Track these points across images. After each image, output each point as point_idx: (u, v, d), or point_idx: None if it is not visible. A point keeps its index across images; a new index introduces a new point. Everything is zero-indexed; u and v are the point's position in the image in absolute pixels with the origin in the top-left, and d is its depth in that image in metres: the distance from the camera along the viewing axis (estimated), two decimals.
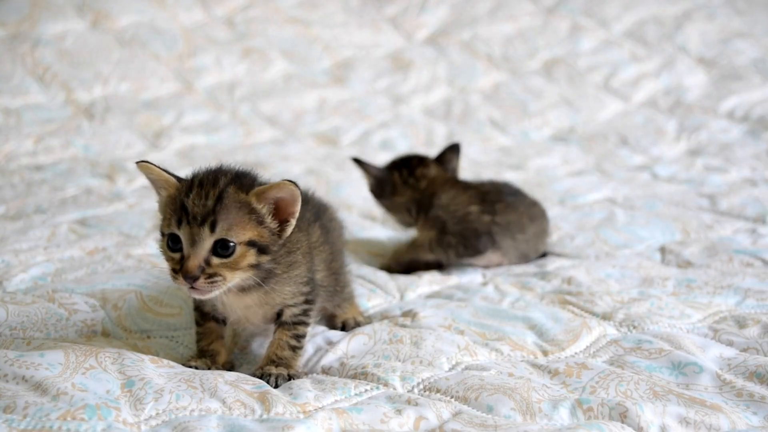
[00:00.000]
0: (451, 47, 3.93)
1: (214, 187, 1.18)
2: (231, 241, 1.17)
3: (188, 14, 3.80)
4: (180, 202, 1.18)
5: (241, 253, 1.18)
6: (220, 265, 1.17)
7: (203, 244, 1.16)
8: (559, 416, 1.14)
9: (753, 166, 2.77)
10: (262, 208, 1.20)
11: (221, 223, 1.16)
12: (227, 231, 1.16)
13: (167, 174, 1.22)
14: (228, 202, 1.17)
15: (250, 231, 1.18)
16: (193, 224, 1.16)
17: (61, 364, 1.18)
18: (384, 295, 1.69)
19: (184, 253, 1.17)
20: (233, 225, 1.16)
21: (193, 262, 1.16)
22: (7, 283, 1.65)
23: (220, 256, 1.17)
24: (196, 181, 1.20)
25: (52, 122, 3.08)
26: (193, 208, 1.16)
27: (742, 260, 1.81)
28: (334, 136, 3.31)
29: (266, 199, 1.20)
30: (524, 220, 1.86)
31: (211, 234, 1.16)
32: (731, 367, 1.28)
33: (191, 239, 1.16)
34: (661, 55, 3.86)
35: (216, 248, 1.16)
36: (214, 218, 1.15)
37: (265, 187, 1.19)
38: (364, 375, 1.27)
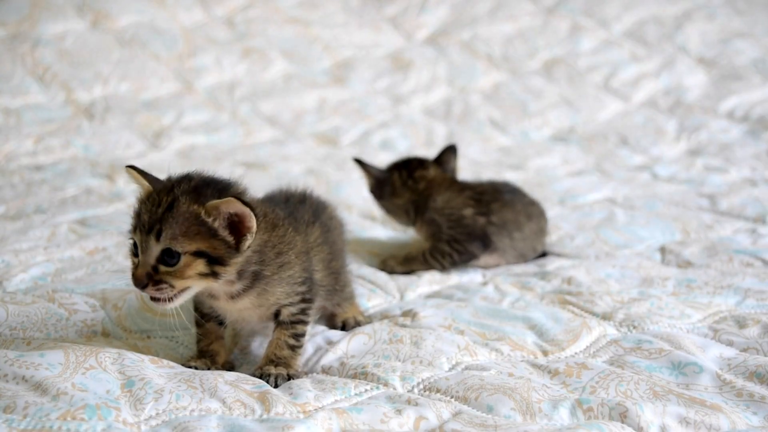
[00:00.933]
0: (451, 47, 3.93)
1: (167, 195, 1.18)
2: (176, 250, 1.17)
3: (188, 14, 3.80)
4: (137, 209, 1.20)
5: (186, 262, 1.17)
6: (166, 273, 1.17)
7: (150, 252, 1.17)
8: (559, 416, 1.14)
9: (753, 166, 2.77)
10: (213, 222, 1.18)
11: (166, 232, 1.16)
12: (171, 240, 1.16)
13: (144, 179, 1.23)
14: (177, 212, 1.17)
15: (198, 242, 1.17)
16: (143, 232, 1.18)
17: (61, 364, 1.18)
18: (384, 294, 1.69)
19: (138, 260, 1.19)
20: (178, 235, 1.16)
21: (141, 269, 1.18)
22: (7, 283, 1.65)
23: (166, 264, 1.17)
24: (154, 190, 1.21)
25: (52, 122, 3.08)
26: (143, 215, 1.18)
27: (742, 260, 1.81)
28: (334, 136, 3.31)
29: (218, 212, 1.18)
30: (521, 219, 1.86)
31: (157, 243, 1.17)
32: (731, 367, 1.29)
33: (142, 246, 1.18)
34: (661, 55, 3.86)
35: (162, 256, 1.17)
36: (160, 227, 1.16)
37: (216, 202, 1.18)
38: (364, 375, 1.27)
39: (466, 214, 1.83)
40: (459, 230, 1.82)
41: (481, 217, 1.83)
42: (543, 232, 1.93)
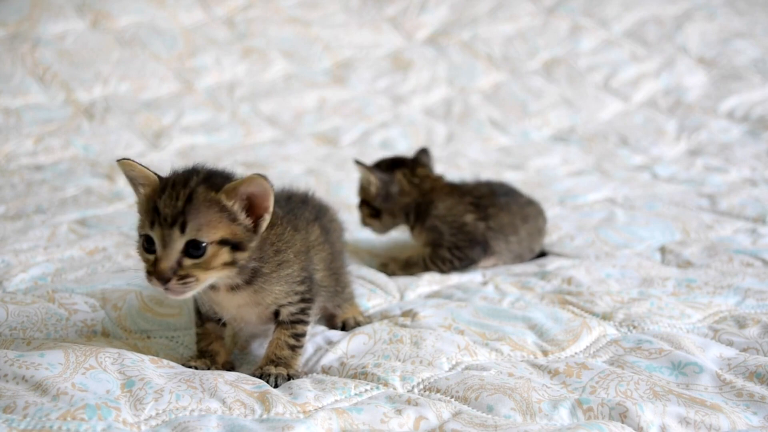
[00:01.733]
0: (451, 47, 3.93)
1: (184, 187, 1.17)
2: (202, 241, 1.16)
3: (188, 14, 3.80)
4: (152, 203, 1.17)
5: (213, 252, 1.17)
6: (192, 265, 1.16)
7: (174, 246, 1.15)
8: (559, 416, 1.14)
9: (753, 166, 2.77)
10: (233, 205, 1.18)
11: (191, 224, 1.14)
12: (197, 231, 1.15)
13: (148, 171, 1.20)
14: (198, 202, 1.16)
15: (222, 229, 1.17)
16: (164, 225, 1.15)
17: (61, 364, 1.18)
18: (384, 295, 1.69)
19: (157, 255, 1.16)
20: (203, 225, 1.15)
21: (165, 264, 1.15)
22: (7, 283, 1.65)
23: (191, 256, 1.16)
24: (169, 182, 1.18)
25: (52, 122, 3.08)
26: (163, 209, 1.15)
27: (742, 260, 1.81)
28: (334, 136, 3.31)
29: (237, 195, 1.18)
30: (517, 222, 1.86)
31: (182, 235, 1.15)
32: (731, 367, 1.29)
33: (163, 241, 1.15)
34: (661, 55, 3.86)
35: (188, 249, 1.15)
36: (184, 219, 1.14)
37: (235, 183, 1.17)
38: (364, 375, 1.27)
39: (468, 221, 1.83)
40: (461, 237, 1.83)
41: (482, 223, 1.84)
42: (540, 233, 1.93)
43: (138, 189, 1.23)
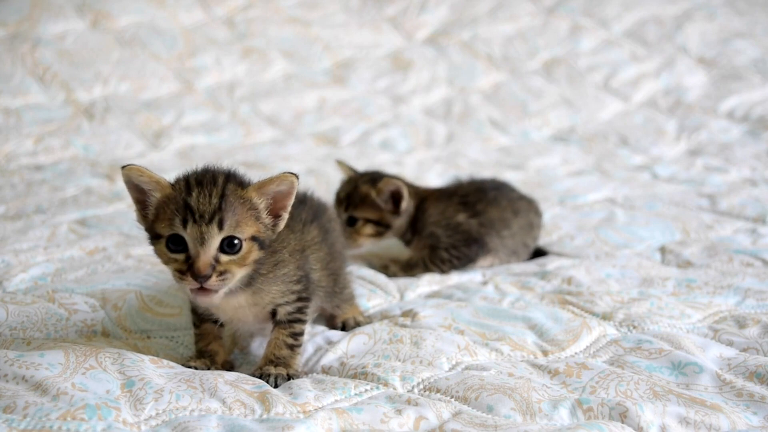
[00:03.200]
0: (451, 47, 3.93)
1: (215, 185, 1.18)
2: (237, 237, 1.17)
3: (188, 14, 3.80)
4: (183, 202, 1.16)
5: (247, 248, 1.18)
6: (229, 262, 1.17)
7: (212, 242, 1.15)
8: (559, 416, 1.14)
9: (753, 166, 2.77)
10: (261, 203, 1.20)
11: (229, 220, 1.15)
12: (235, 228, 1.16)
13: (158, 176, 1.21)
14: (232, 198, 1.17)
15: (252, 226, 1.19)
16: (201, 223, 1.15)
17: (61, 364, 1.18)
18: (384, 295, 1.69)
19: (191, 253, 1.16)
20: (240, 221, 1.17)
21: (204, 260, 1.15)
22: (7, 283, 1.65)
23: (227, 253, 1.17)
24: (193, 181, 1.19)
25: (52, 122, 3.08)
26: (198, 207, 1.15)
27: (742, 260, 1.81)
28: (334, 136, 3.31)
29: (265, 193, 1.20)
30: (507, 215, 1.87)
31: (219, 231, 1.15)
32: (731, 367, 1.29)
33: (200, 238, 1.15)
34: (661, 55, 3.86)
35: (223, 246, 1.16)
36: (222, 216, 1.15)
37: (265, 181, 1.20)
38: (364, 375, 1.27)
39: (461, 220, 1.84)
40: (457, 237, 1.83)
41: (473, 220, 1.84)
42: (533, 227, 1.93)
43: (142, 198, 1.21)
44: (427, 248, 1.85)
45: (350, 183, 1.85)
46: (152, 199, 1.21)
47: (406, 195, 1.82)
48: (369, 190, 1.80)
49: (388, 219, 1.84)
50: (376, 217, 1.80)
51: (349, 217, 1.81)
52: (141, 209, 1.22)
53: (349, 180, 1.86)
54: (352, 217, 1.81)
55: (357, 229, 1.81)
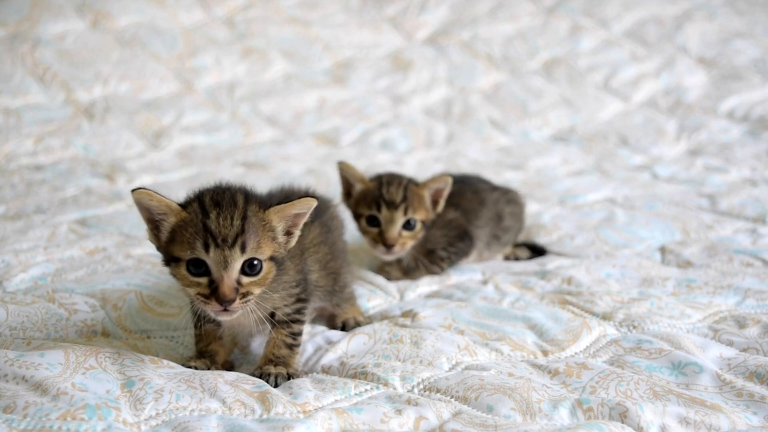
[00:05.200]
0: (451, 47, 3.93)
1: (235, 207, 1.17)
2: (258, 259, 1.17)
3: (188, 14, 3.80)
4: (202, 225, 1.15)
5: (267, 269, 1.19)
6: (250, 283, 1.17)
7: (235, 266, 1.15)
8: (559, 416, 1.14)
9: (753, 166, 2.77)
10: (279, 225, 1.21)
11: (251, 243, 1.15)
12: (256, 250, 1.16)
13: (168, 200, 1.18)
14: (254, 220, 1.17)
15: (270, 247, 1.19)
16: (224, 246, 1.14)
17: (61, 364, 1.18)
18: (384, 295, 1.69)
19: (214, 277, 1.15)
20: (260, 243, 1.17)
21: (229, 285, 1.15)
22: (7, 283, 1.65)
23: (248, 275, 1.17)
24: (209, 202, 1.17)
25: (52, 122, 3.08)
26: (220, 231, 1.14)
27: (742, 260, 1.81)
28: (334, 136, 3.31)
29: (285, 216, 1.21)
30: (474, 206, 1.88)
31: (242, 254, 1.15)
32: (731, 367, 1.29)
33: (224, 262, 1.14)
34: (661, 55, 3.86)
35: (244, 267, 1.16)
36: (244, 239, 1.15)
37: (285, 206, 1.20)
38: (364, 375, 1.27)
39: (451, 216, 1.85)
40: (452, 233, 1.84)
41: (459, 213, 1.86)
42: (502, 218, 1.93)
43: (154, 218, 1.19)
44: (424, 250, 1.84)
45: (397, 185, 1.75)
46: (165, 223, 1.19)
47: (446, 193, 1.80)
48: (422, 191, 1.77)
49: (431, 219, 1.81)
50: (426, 218, 1.78)
51: (409, 220, 1.75)
52: (152, 229, 1.20)
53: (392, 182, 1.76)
54: (411, 220, 1.75)
55: (415, 233, 1.76)
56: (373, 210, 1.72)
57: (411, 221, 1.72)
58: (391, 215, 1.71)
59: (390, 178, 1.75)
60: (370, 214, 1.73)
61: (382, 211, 1.71)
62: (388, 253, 1.74)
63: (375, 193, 1.73)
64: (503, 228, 1.94)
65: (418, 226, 1.74)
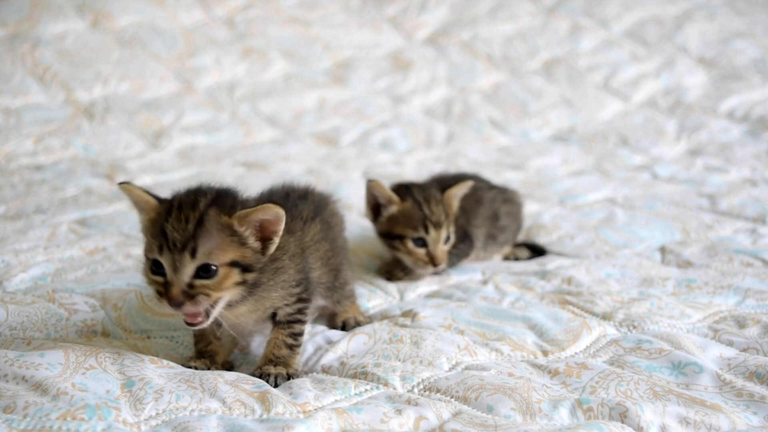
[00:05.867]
0: (451, 47, 3.93)
1: (194, 210, 1.16)
2: (213, 264, 1.16)
3: (188, 14, 3.80)
4: (160, 227, 1.16)
5: (224, 274, 1.17)
6: (203, 286, 1.16)
7: (185, 270, 1.15)
8: (559, 416, 1.14)
9: (753, 166, 2.77)
10: (245, 231, 1.19)
11: (201, 248, 1.14)
12: (208, 255, 1.15)
13: (148, 195, 1.20)
14: (209, 225, 1.16)
15: (231, 252, 1.17)
16: (174, 251, 1.14)
17: (61, 364, 1.18)
18: (384, 295, 1.70)
19: (167, 278, 1.16)
20: (214, 248, 1.15)
21: (176, 289, 1.15)
22: (7, 283, 1.65)
23: (202, 278, 1.16)
24: (175, 204, 1.18)
25: (52, 122, 3.08)
26: (172, 234, 1.14)
27: (742, 260, 1.81)
28: (334, 136, 3.31)
29: (249, 222, 1.19)
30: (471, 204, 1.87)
31: (192, 260, 1.15)
32: (731, 367, 1.29)
33: (173, 265, 1.15)
34: (661, 55, 3.86)
35: (198, 272, 1.15)
36: (195, 244, 1.14)
37: (249, 211, 1.18)
38: (364, 375, 1.27)
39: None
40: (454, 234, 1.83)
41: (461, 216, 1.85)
42: (498, 217, 1.93)
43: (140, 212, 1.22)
44: None
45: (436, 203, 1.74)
46: (143, 219, 1.21)
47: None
48: (452, 200, 1.77)
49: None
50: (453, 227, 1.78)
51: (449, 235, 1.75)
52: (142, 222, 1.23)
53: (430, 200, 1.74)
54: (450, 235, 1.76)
55: (451, 243, 1.77)
56: (421, 232, 1.70)
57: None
58: (438, 235, 1.70)
59: (426, 196, 1.72)
60: (417, 237, 1.70)
61: (430, 233, 1.70)
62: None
63: (418, 213, 1.70)
64: (499, 227, 1.93)
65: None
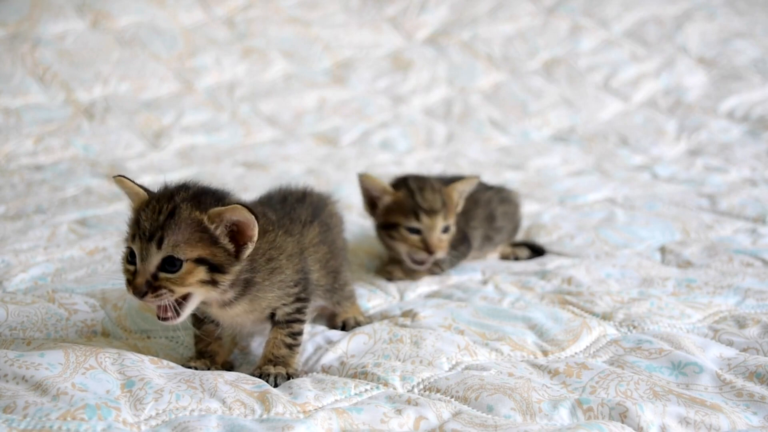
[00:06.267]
0: (451, 47, 3.93)
1: (168, 202, 1.18)
2: (178, 257, 1.16)
3: (188, 14, 3.80)
4: (136, 217, 1.19)
5: (188, 269, 1.17)
6: (166, 279, 1.17)
7: (151, 260, 1.16)
8: (559, 416, 1.14)
9: (753, 166, 2.77)
10: (216, 229, 1.19)
11: (167, 240, 1.15)
12: (173, 248, 1.16)
13: (138, 187, 1.22)
14: (179, 219, 1.16)
15: (200, 249, 1.17)
16: (143, 239, 1.16)
17: (61, 364, 1.18)
18: (384, 295, 1.70)
19: (136, 268, 1.17)
20: (180, 242, 1.16)
21: (140, 278, 1.16)
22: (7, 283, 1.65)
23: (166, 271, 1.17)
24: (154, 197, 1.20)
25: (52, 122, 3.08)
26: (143, 223, 1.17)
27: (742, 260, 1.81)
28: (334, 136, 3.31)
29: (221, 220, 1.18)
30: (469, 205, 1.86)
31: (158, 250, 1.16)
32: (731, 367, 1.29)
33: (141, 254, 1.17)
34: (661, 55, 3.86)
35: (163, 264, 1.16)
36: (162, 234, 1.15)
37: (220, 209, 1.18)
38: (364, 374, 1.27)
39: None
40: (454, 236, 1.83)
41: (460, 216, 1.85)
42: (495, 218, 1.93)
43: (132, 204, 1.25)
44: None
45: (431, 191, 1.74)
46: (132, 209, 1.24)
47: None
48: (453, 192, 1.76)
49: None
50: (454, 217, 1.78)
51: (448, 226, 1.75)
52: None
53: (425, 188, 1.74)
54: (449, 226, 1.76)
55: (450, 235, 1.77)
56: (412, 220, 1.70)
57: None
58: (432, 222, 1.70)
59: (421, 184, 1.73)
60: (409, 225, 1.71)
61: (423, 220, 1.69)
62: (428, 260, 1.72)
63: (410, 202, 1.71)
64: (495, 228, 1.93)
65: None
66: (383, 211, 1.75)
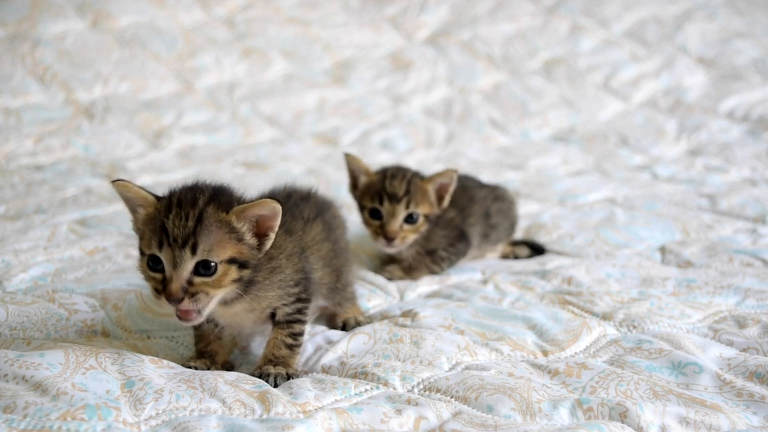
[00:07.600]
0: (451, 47, 3.93)
1: (193, 207, 1.16)
2: (212, 261, 1.16)
3: (188, 14, 3.80)
4: (160, 223, 1.16)
5: (223, 271, 1.17)
6: (202, 283, 1.16)
7: (185, 266, 1.15)
8: (559, 416, 1.14)
9: (753, 166, 2.77)
10: (242, 227, 1.19)
11: (202, 245, 1.15)
12: (208, 252, 1.15)
13: (145, 192, 1.20)
14: (208, 222, 1.16)
15: (230, 249, 1.18)
16: (174, 247, 1.14)
17: (61, 364, 1.18)
18: (384, 295, 1.69)
19: (166, 275, 1.16)
20: (214, 245, 1.16)
21: (176, 285, 1.15)
22: (7, 283, 1.65)
23: (202, 275, 1.16)
24: (174, 201, 1.18)
25: (52, 122, 3.08)
26: (173, 230, 1.15)
27: (742, 260, 1.81)
28: (334, 136, 3.31)
29: (246, 217, 1.19)
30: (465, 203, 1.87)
31: (193, 256, 1.15)
32: (731, 367, 1.29)
33: (173, 261, 1.15)
34: (661, 55, 3.86)
35: (198, 268, 1.15)
36: (195, 240, 1.14)
37: (246, 206, 1.18)
38: (364, 374, 1.27)
39: (452, 215, 1.84)
40: (452, 234, 1.84)
41: (456, 212, 1.85)
42: (490, 216, 1.93)
43: (135, 210, 1.22)
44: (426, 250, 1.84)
45: (401, 178, 1.75)
46: (137, 215, 1.22)
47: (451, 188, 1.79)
48: (427, 185, 1.76)
49: (435, 214, 1.80)
50: (430, 212, 1.77)
51: (411, 214, 1.75)
52: (135, 220, 1.23)
53: (396, 175, 1.76)
54: (414, 214, 1.75)
55: (417, 227, 1.76)
56: (376, 203, 1.74)
57: (413, 215, 1.73)
58: (393, 209, 1.72)
59: (394, 171, 1.77)
60: (372, 207, 1.75)
61: (384, 205, 1.73)
62: (389, 246, 1.76)
63: (378, 186, 1.75)
64: (491, 225, 1.93)
65: (420, 220, 1.74)
66: (360, 192, 1.81)
